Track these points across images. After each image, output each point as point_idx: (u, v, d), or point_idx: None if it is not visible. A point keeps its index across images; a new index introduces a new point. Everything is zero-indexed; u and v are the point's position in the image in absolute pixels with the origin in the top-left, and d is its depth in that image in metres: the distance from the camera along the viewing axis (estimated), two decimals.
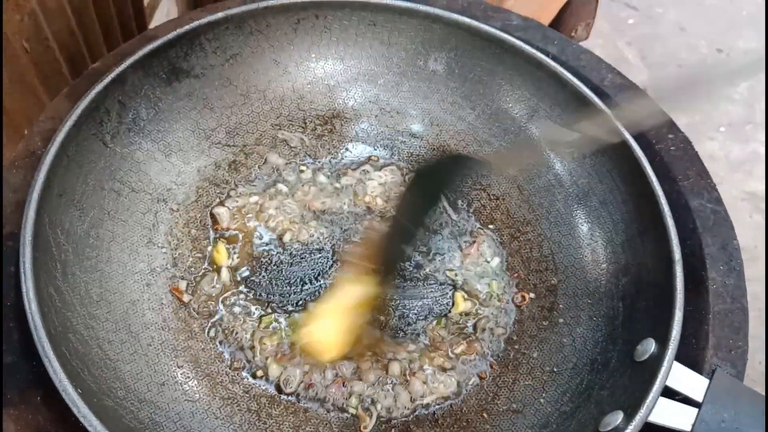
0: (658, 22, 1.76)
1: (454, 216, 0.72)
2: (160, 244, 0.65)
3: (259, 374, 0.60)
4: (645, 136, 0.68)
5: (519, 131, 0.73)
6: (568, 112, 0.68)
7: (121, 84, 0.63)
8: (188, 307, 0.62)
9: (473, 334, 0.64)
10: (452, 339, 0.64)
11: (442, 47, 0.74)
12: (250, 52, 0.72)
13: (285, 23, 0.72)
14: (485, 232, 0.71)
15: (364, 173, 0.74)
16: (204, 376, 0.59)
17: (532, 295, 0.66)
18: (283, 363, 0.60)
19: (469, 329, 0.64)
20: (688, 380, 0.50)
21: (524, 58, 0.70)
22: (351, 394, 0.59)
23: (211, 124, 0.72)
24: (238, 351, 0.61)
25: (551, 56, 0.71)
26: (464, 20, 0.71)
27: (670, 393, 0.49)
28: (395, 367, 0.61)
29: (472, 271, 0.68)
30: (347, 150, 0.76)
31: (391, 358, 0.62)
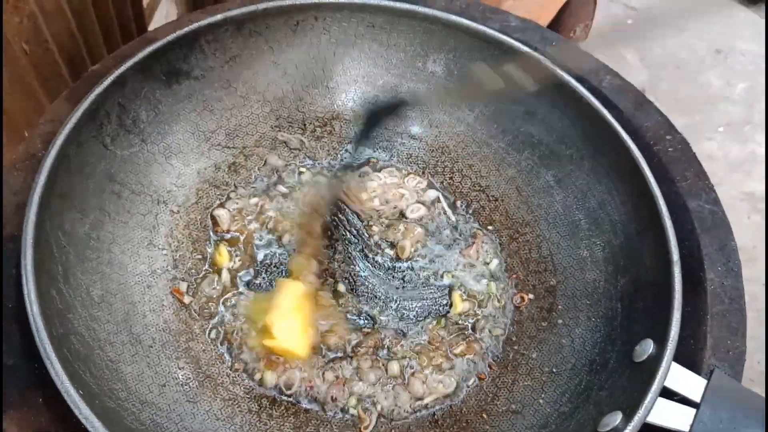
0: (657, 23, 1.76)
1: (453, 217, 0.72)
2: (160, 246, 0.65)
3: (259, 376, 0.60)
4: (643, 138, 0.68)
5: (515, 130, 0.73)
6: (569, 112, 0.68)
7: (121, 86, 0.63)
8: (189, 309, 0.63)
9: (472, 335, 0.64)
10: (451, 339, 0.64)
11: (440, 49, 0.74)
12: (250, 54, 0.72)
13: (284, 25, 0.72)
14: (484, 233, 0.71)
15: (363, 175, 0.74)
16: (205, 377, 0.59)
17: (531, 296, 0.67)
18: (274, 369, 0.60)
19: (468, 330, 0.65)
20: (687, 381, 0.50)
21: (522, 59, 0.69)
22: (351, 395, 0.60)
23: (211, 126, 0.72)
24: (238, 352, 0.61)
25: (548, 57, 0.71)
26: (463, 22, 0.71)
27: (668, 393, 0.50)
28: (395, 367, 0.61)
29: (471, 272, 0.68)
30: (347, 152, 0.76)
31: (390, 358, 0.62)
